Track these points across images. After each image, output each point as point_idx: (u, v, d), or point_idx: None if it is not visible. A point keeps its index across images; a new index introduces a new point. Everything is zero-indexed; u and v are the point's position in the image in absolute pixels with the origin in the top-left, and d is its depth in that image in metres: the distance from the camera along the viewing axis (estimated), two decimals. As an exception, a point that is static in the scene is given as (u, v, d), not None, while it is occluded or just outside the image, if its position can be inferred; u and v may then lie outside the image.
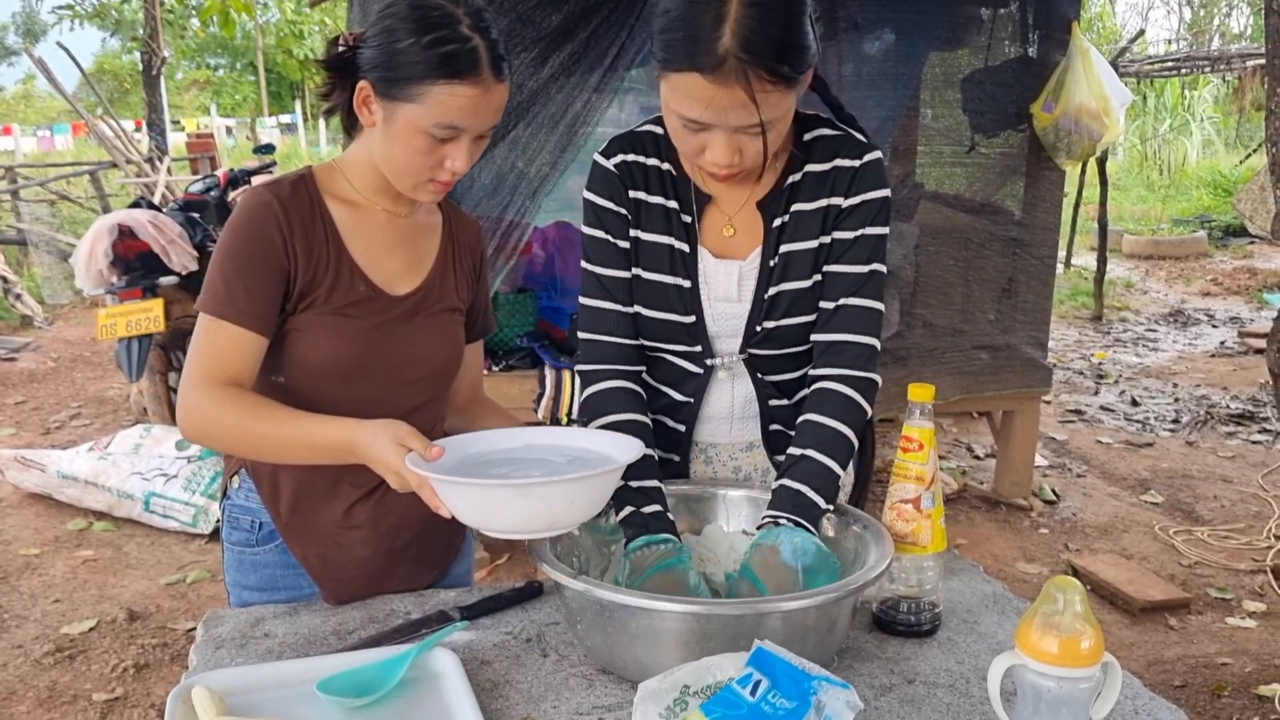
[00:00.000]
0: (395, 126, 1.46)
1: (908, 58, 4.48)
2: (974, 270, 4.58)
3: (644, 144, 1.61)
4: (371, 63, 1.46)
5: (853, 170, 1.55)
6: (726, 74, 1.32)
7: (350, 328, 1.54)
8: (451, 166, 1.48)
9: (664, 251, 1.59)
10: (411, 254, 1.62)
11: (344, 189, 1.57)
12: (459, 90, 1.42)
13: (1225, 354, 8.00)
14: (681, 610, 1.25)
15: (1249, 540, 4.46)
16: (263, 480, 1.63)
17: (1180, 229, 13.25)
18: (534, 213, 4.04)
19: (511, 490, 1.27)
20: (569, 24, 3.87)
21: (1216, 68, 10.35)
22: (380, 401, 1.57)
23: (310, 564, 1.63)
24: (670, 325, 1.60)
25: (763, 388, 1.64)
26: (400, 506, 1.64)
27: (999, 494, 4.92)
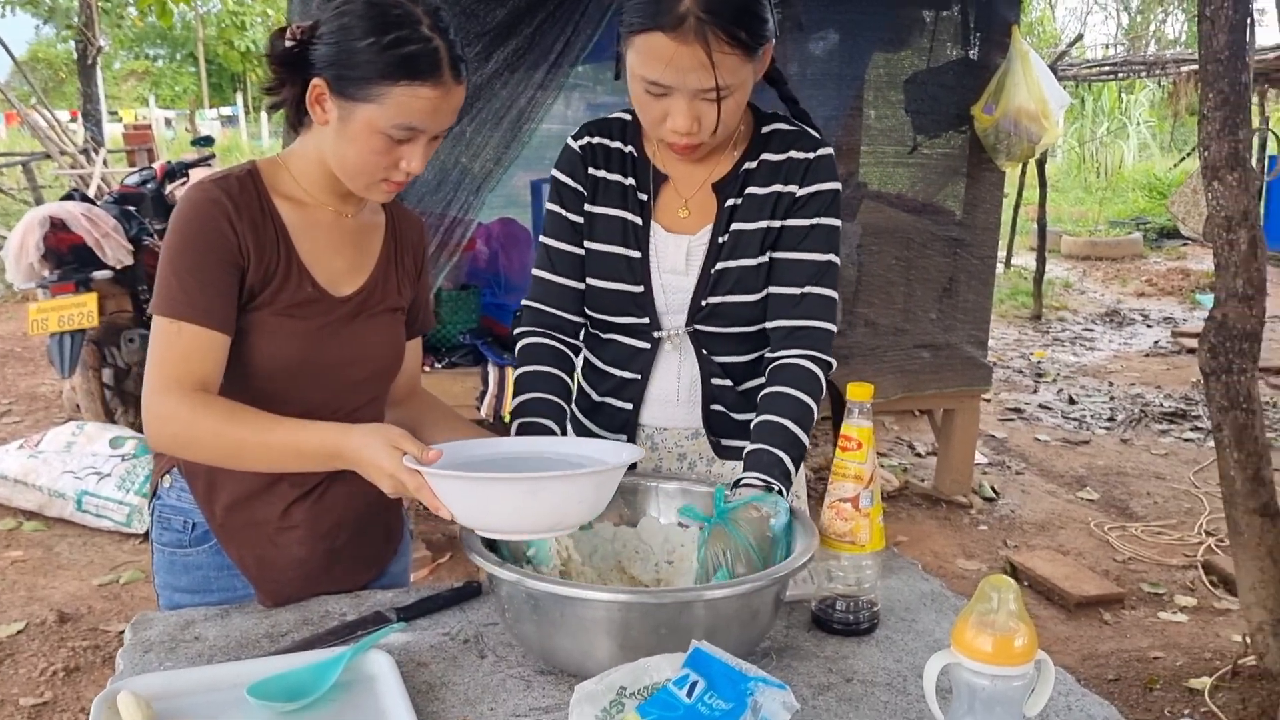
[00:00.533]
0: (352, 126, 1.43)
1: (852, 58, 4.51)
2: (915, 270, 4.62)
3: (611, 129, 1.69)
4: (327, 60, 1.42)
5: (806, 162, 1.62)
6: (686, 32, 1.40)
7: (295, 329, 1.51)
8: (406, 167, 1.47)
9: (617, 224, 1.66)
10: (355, 254, 1.60)
11: (290, 187, 1.54)
12: (420, 92, 1.40)
13: (1159, 353, 8.17)
14: (607, 599, 1.25)
15: (1181, 536, 4.55)
16: (197, 480, 1.59)
17: (1117, 230, 13.52)
18: (477, 209, 4.01)
19: (522, 486, 1.26)
20: (513, 20, 3.84)
21: (1152, 72, 10.55)
22: (323, 403, 1.55)
23: (246, 565, 1.60)
24: (620, 295, 1.66)
25: (707, 365, 1.68)
26: (339, 506, 1.62)
27: (940, 491, 4.98)
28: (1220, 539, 4.30)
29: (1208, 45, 2.85)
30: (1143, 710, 3.18)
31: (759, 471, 1.50)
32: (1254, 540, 3.00)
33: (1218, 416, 2.99)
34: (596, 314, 1.70)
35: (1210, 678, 3.28)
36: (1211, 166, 2.90)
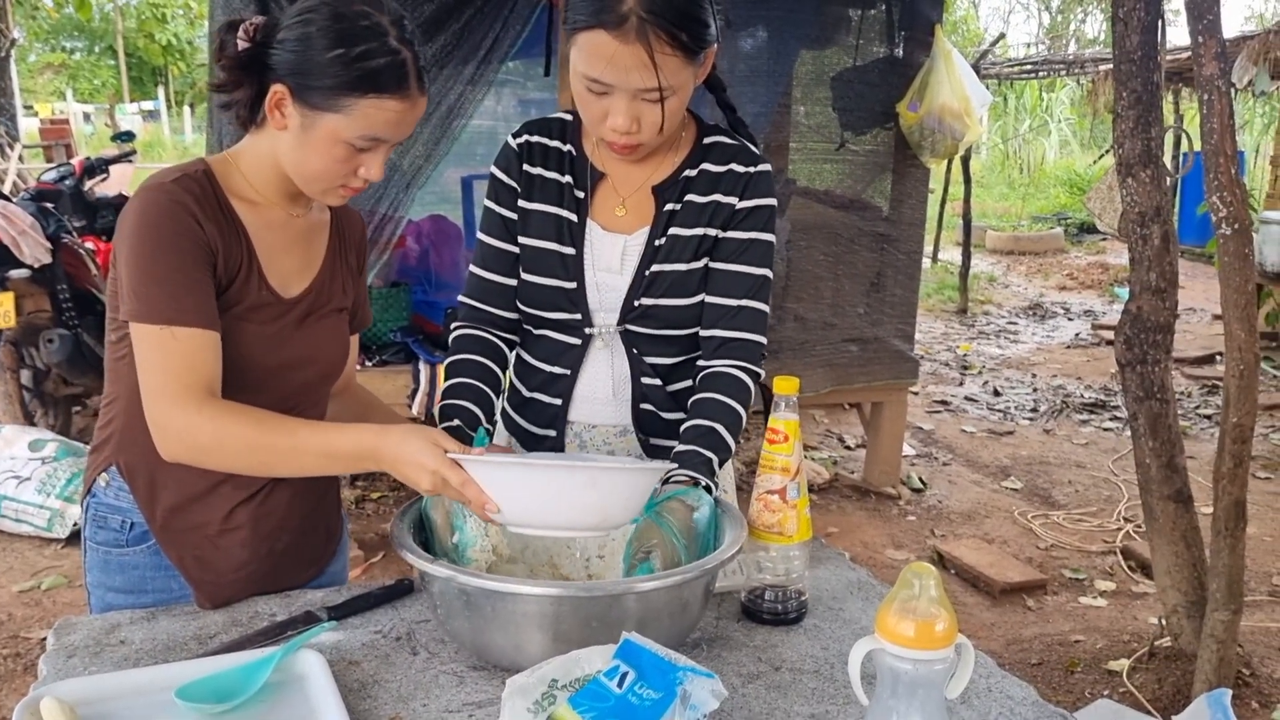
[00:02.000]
0: (314, 135, 1.42)
1: (779, 55, 4.56)
2: (843, 265, 4.69)
3: (551, 127, 1.70)
4: (289, 68, 1.40)
5: (747, 176, 1.65)
6: (628, 31, 1.41)
7: (250, 332, 1.49)
8: (365, 174, 1.46)
9: (551, 221, 1.66)
10: (304, 254, 1.58)
11: (243, 187, 1.51)
12: (387, 104, 1.40)
13: (1080, 345, 8.38)
14: (538, 593, 1.26)
15: (1101, 523, 4.68)
16: (138, 480, 1.56)
17: (1039, 226, 13.83)
18: (408, 206, 3.99)
19: (581, 476, 1.25)
20: (442, 15, 3.82)
21: (1072, 71, 10.80)
22: (272, 405, 1.50)
23: (186, 566, 1.57)
24: (553, 291, 1.66)
25: (637, 365, 1.69)
26: (281, 508, 1.61)
27: (869, 483, 5.06)
28: (1138, 525, 4.44)
29: (1121, 46, 2.94)
30: (1064, 692, 3.27)
31: (690, 468, 1.52)
32: (1168, 526, 3.09)
33: (1133, 406, 3.09)
34: (529, 309, 1.70)
35: (1128, 659, 3.38)
36: (1126, 164, 2.99)
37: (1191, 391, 6.86)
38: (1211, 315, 9.08)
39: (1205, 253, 9.50)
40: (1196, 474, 3.59)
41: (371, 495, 4.74)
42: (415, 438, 1.32)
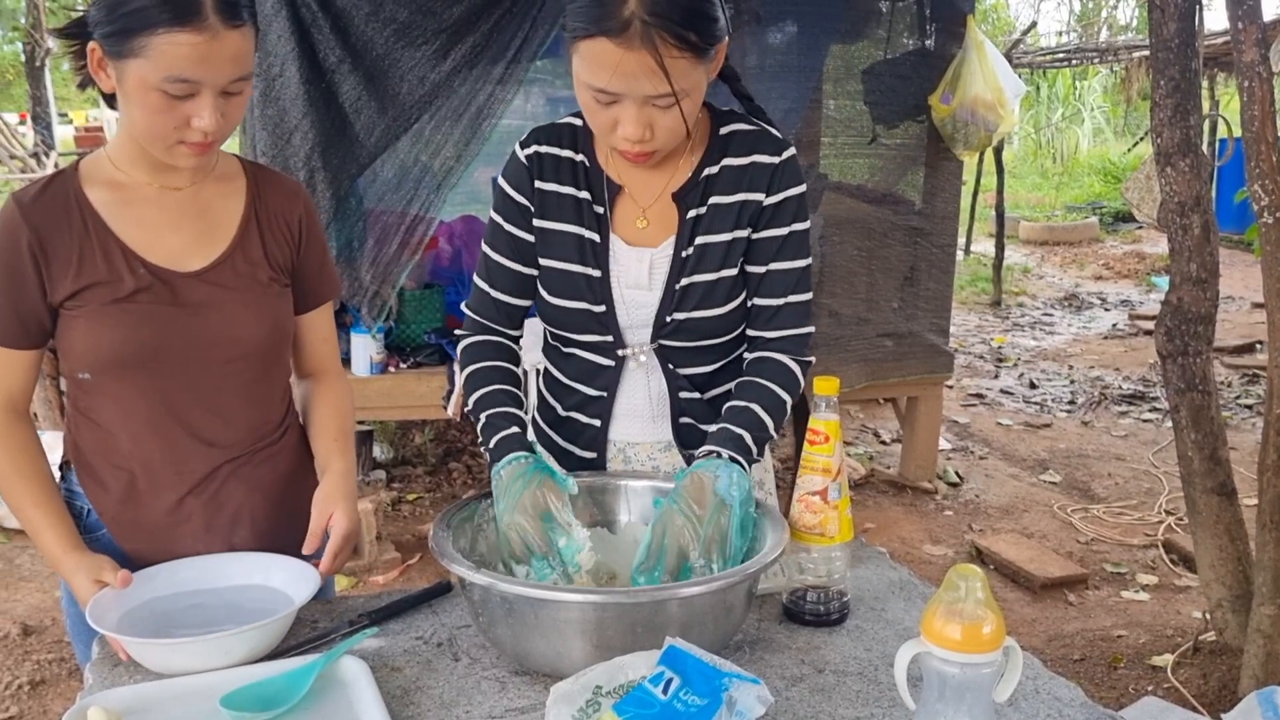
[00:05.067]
0: (127, 86, 1.38)
1: (809, 50, 4.53)
2: (877, 259, 4.65)
3: (560, 135, 1.61)
4: (95, 19, 1.38)
5: (773, 167, 1.57)
6: (632, 37, 1.33)
7: (139, 314, 1.48)
8: (200, 125, 1.40)
9: (572, 241, 1.59)
10: (201, 226, 1.54)
11: (108, 171, 1.51)
12: (180, 38, 1.33)
13: (1117, 336, 8.28)
14: (580, 600, 1.26)
15: (1142, 516, 4.62)
16: (85, 474, 1.59)
17: (1073, 215, 13.67)
18: (439, 207, 4.00)
19: (209, 644, 1.32)
20: (471, 16, 3.83)
21: (1105, 59, 10.68)
22: (195, 387, 1.54)
23: (142, 556, 1.56)
24: (581, 314, 1.61)
25: (674, 380, 1.64)
26: (234, 501, 1.61)
27: (905, 478, 5.02)
28: (1180, 518, 4.38)
29: (1158, 33, 2.89)
30: (1108, 688, 3.23)
31: (714, 444, 1.49)
32: (1212, 519, 3.05)
33: (1175, 398, 3.04)
34: (557, 330, 1.66)
35: (1172, 654, 3.34)
36: (1164, 153, 2.94)
37: (1232, 381, 6.76)
38: (1251, 304, 8.95)
39: (1244, 240, 9.34)
40: (1239, 465, 3.54)
41: (408, 497, 4.76)
42: (83, 575, 1.44)
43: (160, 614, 1.44)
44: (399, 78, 3.83)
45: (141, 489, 1.57)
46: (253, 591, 1.50)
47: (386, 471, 4.96)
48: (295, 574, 1.50)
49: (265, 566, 1.54)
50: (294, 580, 1.49)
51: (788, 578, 1.51)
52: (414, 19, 3.79)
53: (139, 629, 1.38)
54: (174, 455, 1.56)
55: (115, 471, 1.57)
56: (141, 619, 1.42)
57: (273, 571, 1.53)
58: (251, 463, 1.62)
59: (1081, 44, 12.85)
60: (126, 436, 1.55)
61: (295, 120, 3.74)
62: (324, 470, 1.65)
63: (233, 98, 1.43)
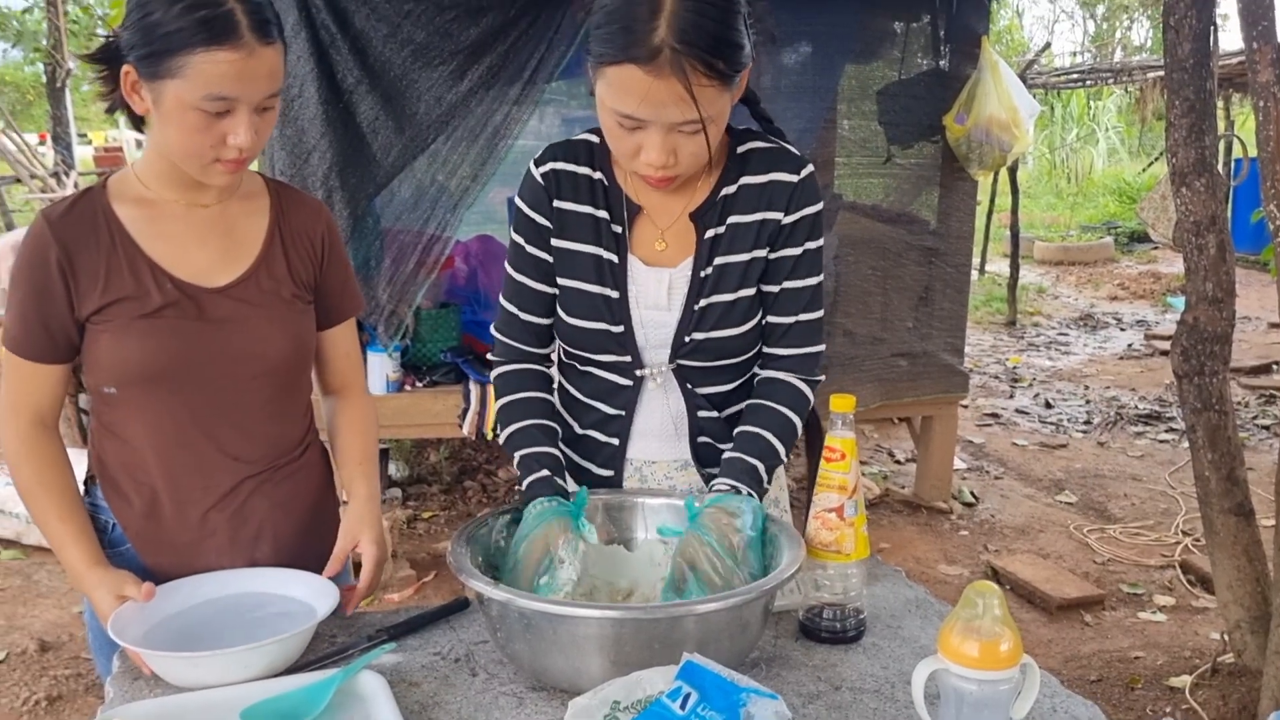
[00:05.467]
0: (164, 107, 1.40)
1: (824, 70, 4.55)
2: (892, 279, 4.66)
3: (577, 152, 1.61)
4: (130, 43, 1.40)
5: (792, 185, 1.56)
6: (662, 65, 1.33)
7: (166, 329, 1.51)
8: (235, 142, 1.42)
9: (590, 261, 1.59)
10: (227, 243, 1.57)
11: (136, 189, 1.53)
12: (219, 56, 1.36)
13: (1133, 356, 8.25)
14: (598, 615, 1.26)
15: (1158, 537, 4.60)
16: (110, 489, 1.61)
17: (1088, 235, 13.65)
18: (455, 226, 4.02)
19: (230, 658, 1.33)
20: (487, 37, 3.86)
21: (1119, 79, 10.68)
22: (219, 403, 1.56)
23: (163, 573, 1.57)
24: (599, 335, 1.61)
25: (692, 399, 1.64)
26: (257, 517, 1.62)
27: (920, 497, 5.01)
28: (1197, 539, 4.35)
29: (1173, 54, 2.90)
30: (1125, 710, 3.21)
31: (730, 477, 1.50)
32: (1229, 539, 3.03)
33: (1191, 418, 3.03)
34: (574, 350, 1.65)
35: (1190, 676, 3.32)
36: (1179, 173, 2.95)
37: (1249, 401, 6.73)
38: (1268, 324, 8.92)
39: (1260, 260, 9.31)
40: (1256, 486, 3.52)
41: (423, 515, 4.77)
42: (105, 591, 1.47)
43: (181, 628, 1.45)
44: (416, 98, 3.86)
45: (165, 504, 1.58)
46: (273, 606, 1.51)
47: (402, 489, 4.98)
48: (315, 589, 1.52)
49: (285, 581, 1.55)
50: (313, 595, 1.50)
51: (804, 595, 1.51)
52: (431, 40, 3.82)
53: (160, 643, 1.40)
54: (198, 470, 1.58)
55: (139, 486, 1.59)
56: (162, 633, 1.43)
57: (292, 586, 1.54)
58: (274, 479, 1.64)
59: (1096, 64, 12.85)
60: (151, 451, 1.56)
61: (314, 140, 3.78)
62: (349, 495, 1.68)
63: (265, 113, 1.45)
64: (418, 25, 3.79)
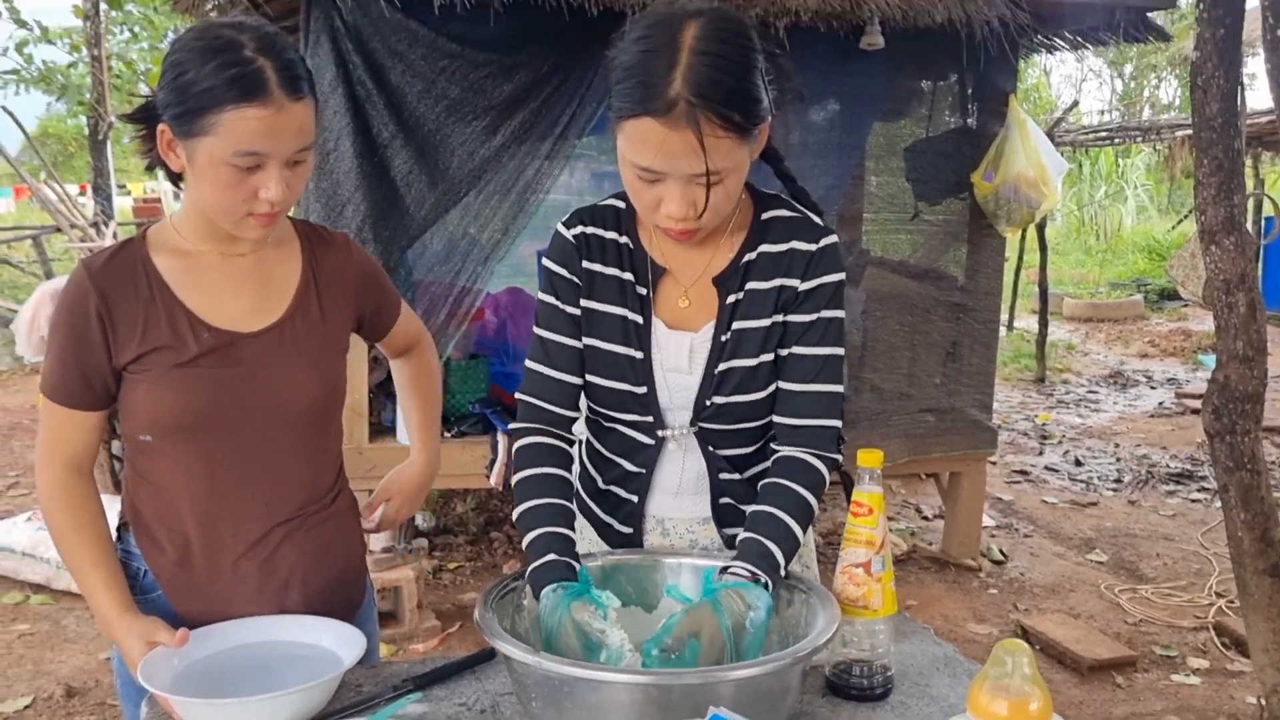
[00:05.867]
0: (198, 163, 1.44)
1: (852, 127, 4.60)
2: (919, 334, 4.66)
3: (604, 217, 1.63)
4: (165, 103, 1.44)
5: (809, 254, 1.57)
6: (677, 117, 1.35)
7: (202, 378, 1.53)
8: (266, 196, 1.45)
9: (617, 322, 1.61)
10: (262, 291, 1.60)
11: (174, 240, 1.57)
12: (248, 113, 1.39)
13: (1164, 414, 8.17)
14: (632, 681, 1.25)
15: (1191, 598, 4.53)
16: (142, 536, 1.62)
17: (1118, 292, 13.60)
18: (486, 279, 4.07)
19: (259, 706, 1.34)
20: (520, 93, 3.93)
21: (1147, 137, 10.70)
22: (252, 449, 1.58)
23: (193, 620, 1.57)
24: (623, 395, 1.62)
25: (713, 461, 1.64)
26: (286, 565, 1.63)
27: (948, 554, 4.96)
28: (1231, 600, 4.28)
29: (1201, 113, 2.91)
30: (1159, 776, 3.15)
31: (747, 561, 1.47)
32: (1264, 601, 2.98)
33: (1223, 477, 3.00)
34: (598, 408, 1.66)
35: (1226, 742, 3.26)
36: (1208, 231, 2.94)
37: (1283, 461, 6.64)
38: (1301, 383, 8.82)
39: (1292, 319, 9.25)
40: (1292, 548, 3.47)
41: (449, 566, 4.77)
42: (134, 638, 1.48)
43: (208, 675, 1.46)
44: (449, 152, 3.93)
45: (197, 551, 1.60)
46: (300, 654, 1.52)
47: (428, 540, 4.98)
48: (342, 638, 1.52)
49: (313, 629, 1.56)
50: (341, 644, 1.51)
51: (831, 650, 1.50)
52: (465, 96, 3.89)
53: (188, 689, 1.40)
54: (230, 517, 1.59)
55: (172, 534, 1.60)
56: (190, 679, 1.44)
57: (320, 635, 1.55)
58: (304, 527, 1.65)
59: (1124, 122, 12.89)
60: (185, 498, 1.58)
61: (348, 193, 3.84)
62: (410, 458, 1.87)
63: (297, 167, 1.48)
64: (452, 81, 3.87)
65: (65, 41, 12.23)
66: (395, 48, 3.80)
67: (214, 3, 4.20)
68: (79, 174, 19.65)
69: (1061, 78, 29.57)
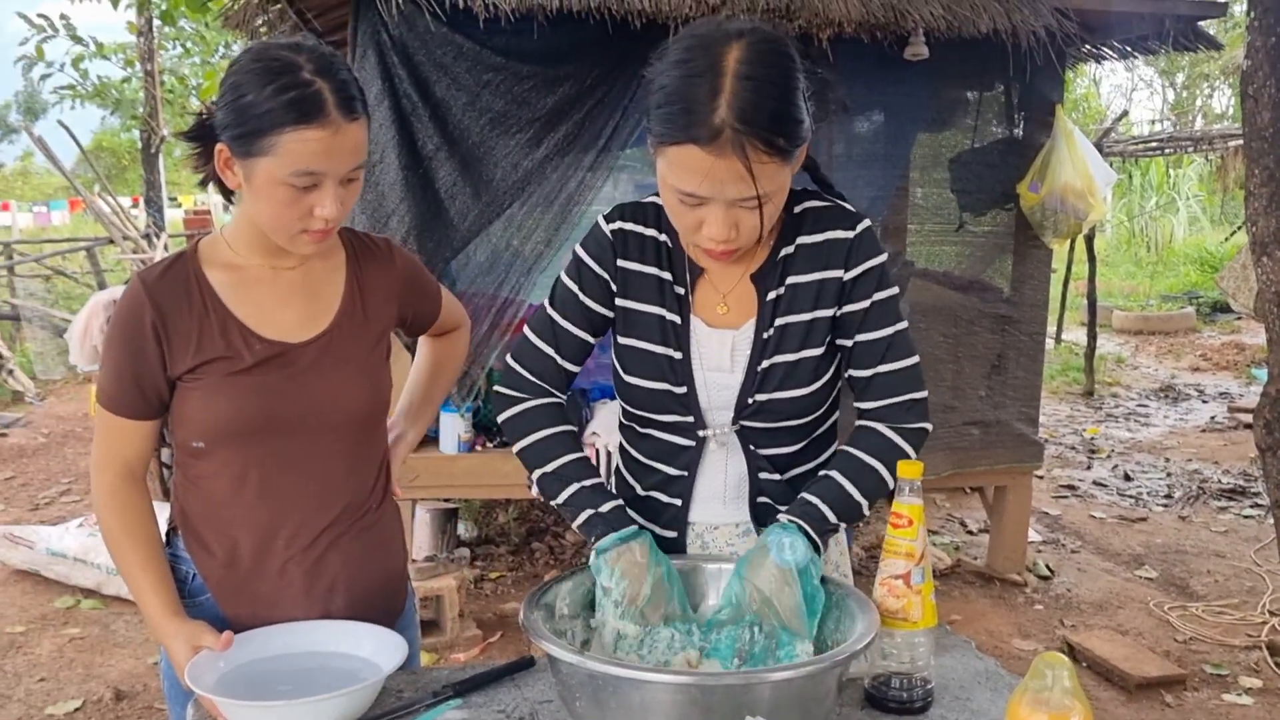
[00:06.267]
0: (255, 183, 1.47)
1: (897, 138, 4.57)
2: (964, 347, 4.62)
3: (645, 214, 1.63)
4: (223, 123, 1.47)
5: (849, 241, 1.57)
6: (723, 145, 1.34)
7: (254, 386, 1.56)
8: (321, 214, 1.48)
9: (654, 321, 1.61)
10: (309, 302, 1.63)
11: (226, 254, 1.60)
12: (307, 135, 1.42)
13: (1216, 429, 8.03)
14: (673, 681, 1.25)
15: (1243, 616, 4.44)
16: (192, 540, 1.65)
17: (1168, 305, 13.40)
18: (529, 290, 4.09)
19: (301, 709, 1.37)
20: (564, 106, 3.96)
21: (1199, 147, 10.55)
22: (301, 455, 1.61)
23: (240, 623, 1.61)
24: (662, 395, 1.62)
25: (754, 460, 1.64)
26: (333, 569, 1.66)
27: (993, 569, 4.91)
28: (1285, 619, 4.20)
29: (1252, 123, 2.87)
30: (1209, 797, 3.09)
31: (792, 512, 1.50)
32: (1319, 620, 2.93)
33: (1276, 493, 2.95)
34: (636, 410, 1.66)
35: (1279, 764, 3.19)
36: (1259, 242, 2.90)
37: (1339, 478, 6.50)
38: (1359, 397, 8.62)
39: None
40: (1348, 566, 3.40)
41: (490, 575, 4.79)
42: (181, 642, 1.50)
43: (254, 677, 1.48)
44: (493, 164, 3.96)
45: (245, 554, 1.63)
46: (342, 658, 1.54)
47: (470, 549, 5.00)
48: (384, 644, 1.54)
49: (356, 635, 1.58)
50: (383, 650, 1.53)
51: (870, 663, 1.49)
52: (509, 108, 3.92)
53: (233, 691, 1.43)
54: (278, 521, 1.62)
55: (221, 537, 1.63)
56: (236, 682, 1.46)
57: (363, 640, 1.57)
58: (350, 531, 1.68)
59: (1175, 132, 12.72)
60: (234, 503, 1.61)
61: (393, 204, 3.88)
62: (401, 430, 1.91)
63: (350, 185, 1.52)
64: (496, 94, 3.90)
65: (119, 57, 12.50)
66: (441, 61, 3.84)
67: (264, 18, 4.27)
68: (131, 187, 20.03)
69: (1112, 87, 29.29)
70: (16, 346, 9.43)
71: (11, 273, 10.52)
